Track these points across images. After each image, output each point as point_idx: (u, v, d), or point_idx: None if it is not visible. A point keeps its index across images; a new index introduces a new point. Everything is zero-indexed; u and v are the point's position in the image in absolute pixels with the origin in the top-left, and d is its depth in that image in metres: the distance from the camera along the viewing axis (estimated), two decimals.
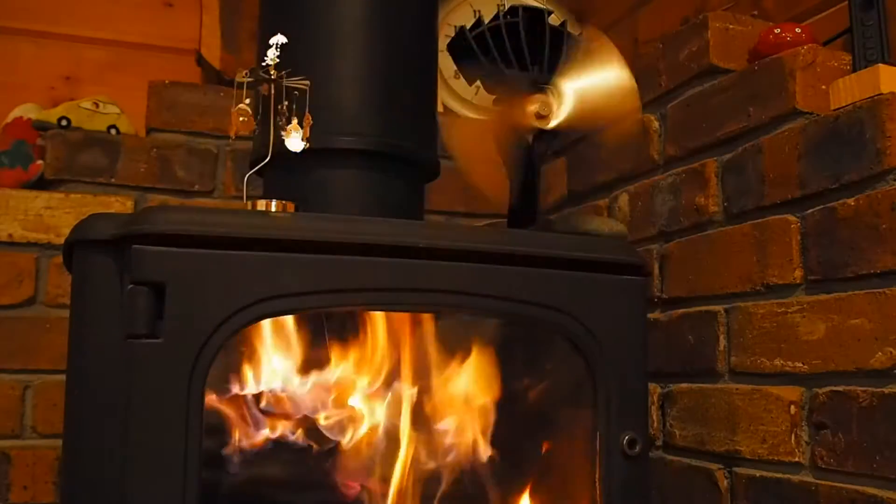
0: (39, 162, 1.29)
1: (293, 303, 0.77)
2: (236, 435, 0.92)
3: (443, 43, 1.07)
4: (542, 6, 0.98)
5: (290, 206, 0.83)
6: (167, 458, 0.70)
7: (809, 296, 0.92)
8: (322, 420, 0.95)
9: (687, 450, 1.07)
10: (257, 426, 0.93)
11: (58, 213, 1.25)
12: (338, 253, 0.78)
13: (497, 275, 0.84)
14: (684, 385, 1.09)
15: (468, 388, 1.00)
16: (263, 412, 0.94)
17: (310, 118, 0.84)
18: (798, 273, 0.93)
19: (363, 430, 0.96)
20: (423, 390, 0.99)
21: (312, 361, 0.94)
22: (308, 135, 0.85)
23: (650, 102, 1.19)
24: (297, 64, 0.86)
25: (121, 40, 1.62)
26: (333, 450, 0.95)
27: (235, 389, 0.92)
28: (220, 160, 1.36)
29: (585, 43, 0.96)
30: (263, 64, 0.82)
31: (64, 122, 1.30)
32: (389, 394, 0.97)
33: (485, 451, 1.01)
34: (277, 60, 0.82)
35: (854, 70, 0.96)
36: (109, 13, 1.62)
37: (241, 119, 0.81)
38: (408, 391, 0.98)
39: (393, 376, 0.97)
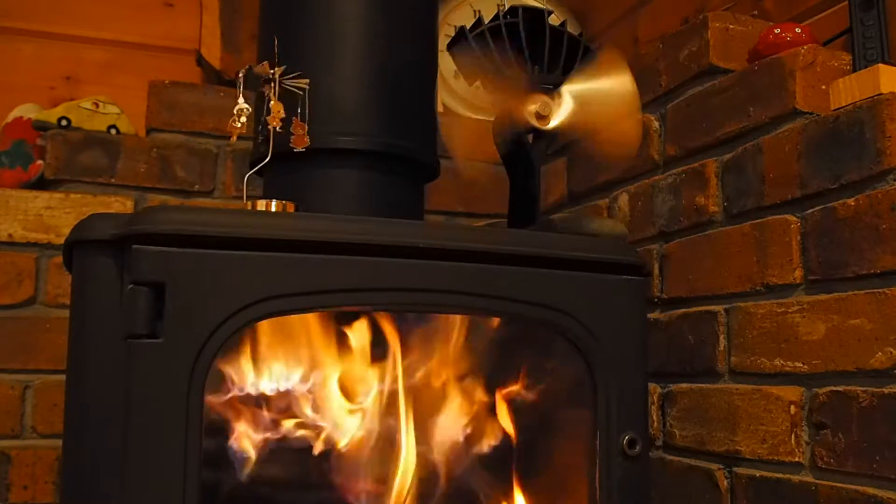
0: (39, 162, 1.29)
1: (293, 303, 0.77)
2: (236, 435, 0.92)
3: (443, 43, 1.06)
4: (542, 6, 0.98)
5: (290, 206, 0.83)
6: (167, 458, 0.70)
7: (809, 296, 0.92)
8: (321, 421, 0.95)
9: (687, 450, 1.07)
10: (256, 426, 0.93)
11: (58, 213, 1.25)
12: (338, 253, 0.78)
13: (497, 275, 0.84)
14: (684, 385, 1.09)
15: (468, 388, 1.01)
16: (263, 413, 0.94)
17: (303, 126, 0.85)
18: (798, 273, 0.93)
19: (361, 431, 0.96)
20: (422, 390, 0.99)
21: (311, 362, 0.94)
22: (305, 141, 0.85)
23: (650, 102, 1.19)
24: (297, 64, 0.86)
25: (121, 40, 1.62)
26: (332, 451, 0.95)
27: (235, 389, 0.92)
28: (220, 160, 1.36)
29: (600, 56, 0.96)
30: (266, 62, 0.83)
31: (64, 122, 1.30)
32: (387, 394, 0.97)
33: (485, 452, 1.01)
34: (279, 62, 0.82)
35: (854, 70, 0.96)
36: (109, 13, 1.62)
37: (242, 120, 0.81)
38: (406, 391, 0.97)
39: (391, 377, 0.97)
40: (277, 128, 0.83)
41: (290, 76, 0.85)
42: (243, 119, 0.81)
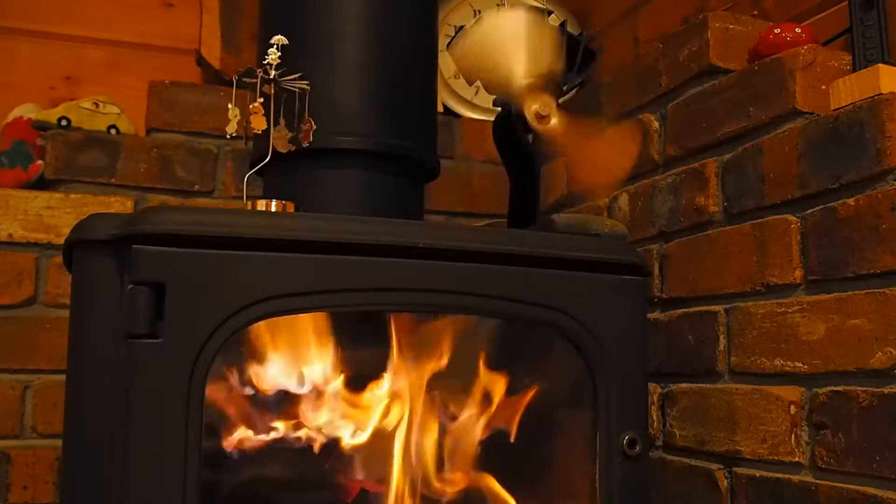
0: (39, 162, 1.29)
1: (293, 303, 0.77)
2: (236, 435, 0.92)
3: (443, 43, 1.07)
4: (542, 6, 0.98)
5: (290, 206, 0.83)
6: (167, 458, 0.70)
7: (809, 296, 0.92)
8: (322, 420, 0.95)
9: (687, 450, 1.07)
10: (257, 426, 0.93)
11: (58, 213, 1.25)
12: (338, 253, 0.78)
13: (497, 275, 0.83)
14: (684, 385, 1.09)
15: (468, 388, 1.00)
16: (263, 412, 0.93)
17: (311, 122, 0.85)
18: (798, 273, 0.93)
19: (361, 430, 0.96)
20: (423, 390, 0.99)
21: (312, 361, 0.94)
22: (310, 138, 0.85)
23: (650, 102, 1.19)
24: (297, 64, 0.86)
25: (121, 40, 1.62)
26: (333, 450, 0.95)
27: (235, 389, 0.92)
28: (220, 160, 1.36)
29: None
30: (264, 62, 0.83)
31: (64, 122, 1.30)
32: (388, 394, 0.97)
33: (485, 451, 1.01)
34: (279, 60, 0.82)
35: (854, 70, 0.96)
36: (109, 13, 1.62)
37: (241, 120, 0.81)
38: (406, 391, 0.97)
39: (391, 376, 0.97)
40: (258, 130, 0.82)
41: (291, 77, 0.84)
42: (234, 125, 0.81)
